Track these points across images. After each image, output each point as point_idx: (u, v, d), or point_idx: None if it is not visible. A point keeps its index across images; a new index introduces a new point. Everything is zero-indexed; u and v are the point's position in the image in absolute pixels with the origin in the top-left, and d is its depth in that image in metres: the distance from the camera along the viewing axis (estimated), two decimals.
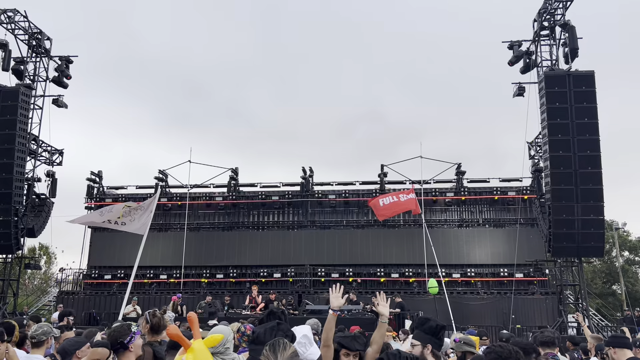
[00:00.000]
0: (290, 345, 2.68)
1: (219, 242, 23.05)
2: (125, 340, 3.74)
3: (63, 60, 21.27)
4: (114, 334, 3.83)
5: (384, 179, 23.12)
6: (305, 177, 23.39)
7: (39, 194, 21.23)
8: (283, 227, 23.52)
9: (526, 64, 19.16)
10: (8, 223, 18.75)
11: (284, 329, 3.73)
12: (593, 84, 17.01)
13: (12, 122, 18.88)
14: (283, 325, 3.77)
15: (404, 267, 21.79)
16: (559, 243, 16.92)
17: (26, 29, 20.52)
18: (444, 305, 15.21)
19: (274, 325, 3.71)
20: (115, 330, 3.88)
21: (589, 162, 16.58)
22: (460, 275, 21.43)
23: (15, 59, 20.33)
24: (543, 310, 19.39)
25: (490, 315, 19.51)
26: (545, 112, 17.10)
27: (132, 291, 21.42)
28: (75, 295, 21.90)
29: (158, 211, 23.77)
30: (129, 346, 3.76)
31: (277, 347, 2.59)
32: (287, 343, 2.68)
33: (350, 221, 23.25)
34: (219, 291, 21.11)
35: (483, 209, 23.03)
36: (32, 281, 37.97)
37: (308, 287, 21.52)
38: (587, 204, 16.45)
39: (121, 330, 3.84)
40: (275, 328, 3.66)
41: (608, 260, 35.94)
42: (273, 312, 4.15)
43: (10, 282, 20.16)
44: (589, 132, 16.72)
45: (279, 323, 3.78)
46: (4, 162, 18.73)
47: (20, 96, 19.18)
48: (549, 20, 18.71)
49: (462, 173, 22.95)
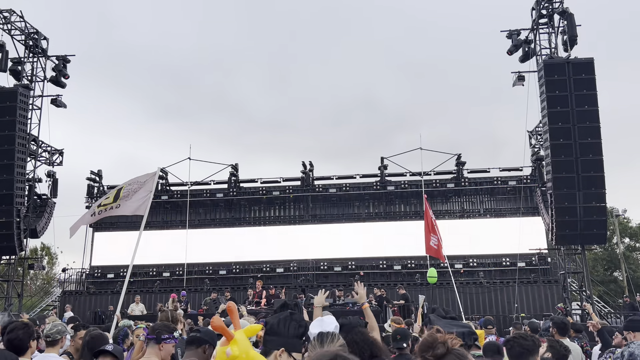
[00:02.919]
0: (338, 337, 2.69)
1: (221, 238, 23.07)
2: (163, 335, 3.76)
3: (60, 59, 21.18)
4: (157, 326, 3.89)
5: (384, 172, 23.14)
6: (305, 171, 23.42)
7: (40, 195, 21.21)
8: (284, 222, 23.56)
9: (525, 53, 19.12)
10: (10, 224, 18.72)
11: (297, 319, 3.74)
12: (593, 71, 16.99)
13: (12, 123, 18.81)
14: (296, 316, 3.79)
15: (406, 259, 21.84)
16: (562, 231, 16.96)
17: (22, 29, 20.42)
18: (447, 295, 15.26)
19: (287, 315, 3.71)
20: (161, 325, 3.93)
21: (589, 150, 16.59)
22: (463, 266, 21.49)
23: (13, 60, 20.23)
24: (546, 298, 19.47)
25: (494, 305, 19.58)
26: (545, 101, 17.10)
27: (135, 289, 21.68)
28: (79, 294, 21.92)
29: (159, 209, 23.86)
30: (162, 343, 3.78)
31: (325, 338, 2.59)
32: (335, 334, 2.68)
33: (352, 214, 23.30)
34: (222, 287, 21.14)
35: (484, 199, 23.10)
36: (35, 282, 38.00)
37: (311, 281, 21.58)
38: (589, 191, 16.48)
39: (168, 326, 3.88)
40: (289, 318, 3.66)
41: (609, 247, 36.06)
42: (286, 303, 4.17)
43: (14, 283, 20.19)
44: (589, 120, 16.72)
45: (292, 313, 3.79)
46: (5, 164, 18.69)
47: (19, 97, 19.11)
48: (547, 8, 18.67)
49: (462, 164, 22.97)
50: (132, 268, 8.58)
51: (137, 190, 8.47)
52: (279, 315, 3.81)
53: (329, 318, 3.44)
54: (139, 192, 8.45)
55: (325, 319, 3.43)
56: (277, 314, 4.04)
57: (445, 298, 18.64)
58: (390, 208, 23.13)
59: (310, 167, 23.60)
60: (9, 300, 19.74)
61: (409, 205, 23.12)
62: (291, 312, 3.84)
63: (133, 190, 8.49)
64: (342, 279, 21.72)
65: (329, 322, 3.37)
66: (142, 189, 8.51)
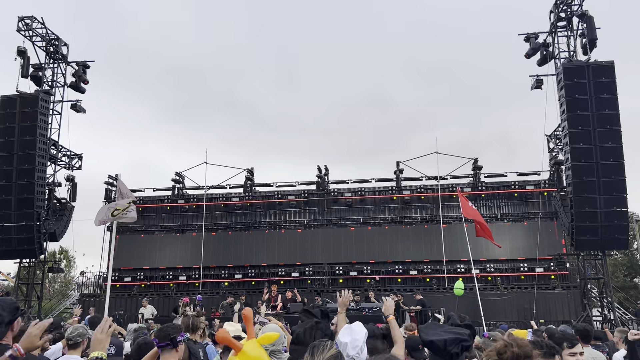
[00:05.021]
0: (330, 347, 2.65)
1: (237, 242, 23.15)
2: (177, 337, 3.71)
3: (80, 65, 21.50)
4: (167, 329, 3.81)
5: (400, 176, 23.04)
6: (320, 175, 23.42)
7: (60, 199, 21.49)
8: (300, 226, 23.54)
9: (543, 56, 18.93)
10: (31, 228, 19.00)
11: (323, 327, 3.71)
12: (613, 75, 16.77)
13: (33, 128, 19.13)
14: (322, 324, 3.75)
15: (422, 264, 21.69)
16: (582, 236, 16.72)
17: (43, 35, 20.76)
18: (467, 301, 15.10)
19: (313, 324, 3.68)
20: (169, 327, 3.87)
21: (610, 154, 16.35)
22: (480, 271, 21.25)
23: (34, 66, 20.57)
24: (565, 304, 19.17)
25: (511, 311, 19.33)
26: (565, 104, 16.90)
27: (150, 292, 21.82)
28: (97, 298, 22.12)
29: (176, 213, 24.07)
30: (179, 344, 3.75)
31: (315, 350, 2.56)
32: (327, 345, 2.65)
33: (367, 219, 23.20)
34: (237, 291, 21.18)
35: (501, 203, 22.83)
36: (53, 285, 38.47)
37: (326, 286, 21.53)
38: (610, 196, 16.23)
39: (174, 327, 3.84)
40: (315, 327, 3.62)
41: (629, 253, 35.43)
42: (308, 310, 4.13)
43: (34, 286, 20.47)
44: (609, 124, 16.49)
45: (318, 322, 3.75)
46: (26, 168, 18.99)
47: (40, 102, 19.42)
48: (566, 11, 18.48)
49: (479, 168, 22.77)
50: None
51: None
52: (305, 325, 3.78)
53: (357, 326, 3.39)
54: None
55: (354, 327, 3.38)
56: (302, 323, 4.01)
57: (466, 304, 18.44)
58: (406, 212, 22.99)
59: (325, 171, 23.60)
60: (29, 303, 19.99)
61: (425, 209, 22.96)
62: (317, 321, 3.81)
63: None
64: (357, 284, 21.65)
65: (358, 330, 3.32)
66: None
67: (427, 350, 3.14)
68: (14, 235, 19.02)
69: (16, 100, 19.49)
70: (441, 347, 2.96)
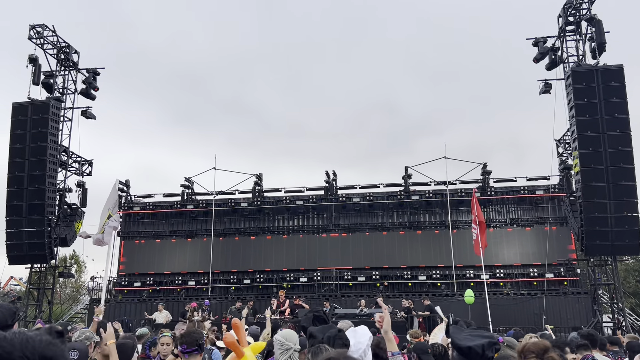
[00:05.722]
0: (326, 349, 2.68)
1: (245, 247, 23.21)
2: (200, 342, 3.76)
3: (90, 72, 21.75)
4: (194, 335, 3.85)
5: (408, 181, 22.99)
6: (329, 180, 23.44)
7: (70, 204, 21.71)
8: (308, 231, 23.55)
9: (552, 60, 18.85)
10: (42, 233, 19.22)
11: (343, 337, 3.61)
12: (622, 78, 16.66)
13: (44, 134, 19.39)
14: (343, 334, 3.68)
15: (431, 269, 21.60)
16: (592, 241, 16.58)
17: (54, 43, 21.04)
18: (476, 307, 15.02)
19: (335, 332, 3.55)
20: (194, 332, 3.93)
21: (620, 158, 16.23)
22: (489, 277, 21.13)
23: (45, 73, 20.86)
24: (576, 310, 18.99)
25: (521, 317, 19.18)
26: (574, 109, 16.81)
27: (160, 297, 21.92)
28: (107, 302, 22.25)
29: (185, 218, 24.20)
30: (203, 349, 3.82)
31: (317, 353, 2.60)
32: (323, 349, 2.68)
33: (376, 224, 23.15)
34: (246, 296, 21.24)
35: (510, 208, 22.68)
36: (64, 290, 38.77)
37: (335, 291, 21.52)
38: (620, 201, 16.10)
39: (199, 332, 3.91)
40: (337, 336, 3.50)
41: None
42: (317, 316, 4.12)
43: (45, 290, 20.66)
44: (619, 128, 16.37)
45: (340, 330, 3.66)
46: (37, 174, 19.23)
47: (51, 109, 19.69)
48: (575, 15, 18.40)
49: (488, 173, 22.67)
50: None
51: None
52: (324, 330, 3.73)
53: (362, 329, 3.41)
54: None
55: (359, 330, 3.40)
56: (321, 328, 3.94)
57: (474, 310, 18.34)
58: (415, 218, 22.92)
59: (333, 176, 23.62)
60: (40, 308, 20.18)
61: (434, 215, 22.88)
62: (339, 329, 3.78)
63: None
64: (365, 289, 21.62)
65: (362, 333, 3.34)
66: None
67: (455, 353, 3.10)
68: (25, 240, 19.26)
69: (28, 107, 19.77)
70: (479, 352, 2.96)
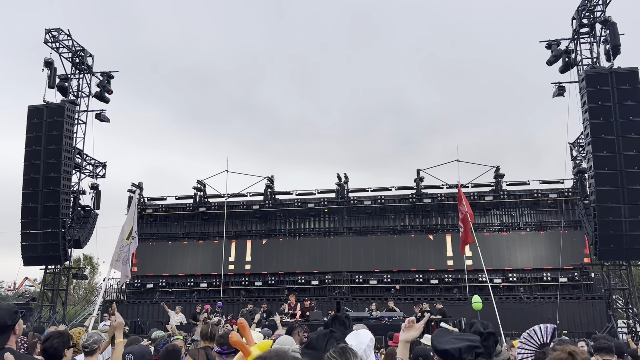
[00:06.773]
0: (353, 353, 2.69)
1: (257, 250, 23.29)
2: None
3: (104, 76, 22.01)
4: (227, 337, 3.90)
5: (420, 184, 22.91)
6: (340, 183, 23.44)
7: (84, 206, 21.95)
8: (319, 234, 23.58)
9: (565, 63, 18.70)
10: (56, 235, 19.46)
11: (337, 337, 3.72)
12: (637, 81, 16.46)
13: (59, 137, 19.65)
14: (337, 334, 3.77)
15: (443, 273, 21.50)
16: (606, 246, 16.39)
17: (69, 47, 21.33)
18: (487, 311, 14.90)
19: (327, 332, 3.69)
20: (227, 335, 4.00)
21: (635, 162, 16.04)
22: (502, 281, 20.98)
23: (60, 76, 21.15)
24: (590, 315, 18.79)
25: (534, 321, 18.94)
26: (587, 112, 16.64)
27: (173, 299, 22.06)
28: (119, 304, 22.46)
29: (197, 220, 24.36)
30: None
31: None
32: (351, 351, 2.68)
33: (387, 227, 23.10)
34: (257, 298, 21.31)
35: (524, 212, 22.51)
36: (77, 291, 39.17)
37: (346, 294, 21.50)
38: (635, 204, 15.90)
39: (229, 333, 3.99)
40: (328, 335, 3.63)
41: None
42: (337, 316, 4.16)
43: (59, 292, 20.90)
44: (634, 131, 16.18)
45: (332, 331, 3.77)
46: (52, 176, 19.48)
47: (66, 112, 19.96)
48: (589, 17, 18.23)
49: (500, 176, 22.51)
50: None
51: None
52: (320, 332, 3.81)
53: (364, 331, 3.42)
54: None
55: (361, 332, 3.41)
56: (318, 330, 4.04)
57: (485, 314, 18.19)
58: (427, 221, 22.84)
59: (345, 179, 23.62)
60: (54, 309, 20.42)
61: (446, 218, 22.77)
62: (331, 330, 3.84)
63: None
64: (377, 293, 21.57)
65: (364, 334, 3.35)
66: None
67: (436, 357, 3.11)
68: (39, 242, 19.51)
69: (43, 110, 20.05)
70: (456, 355, 2.95)
